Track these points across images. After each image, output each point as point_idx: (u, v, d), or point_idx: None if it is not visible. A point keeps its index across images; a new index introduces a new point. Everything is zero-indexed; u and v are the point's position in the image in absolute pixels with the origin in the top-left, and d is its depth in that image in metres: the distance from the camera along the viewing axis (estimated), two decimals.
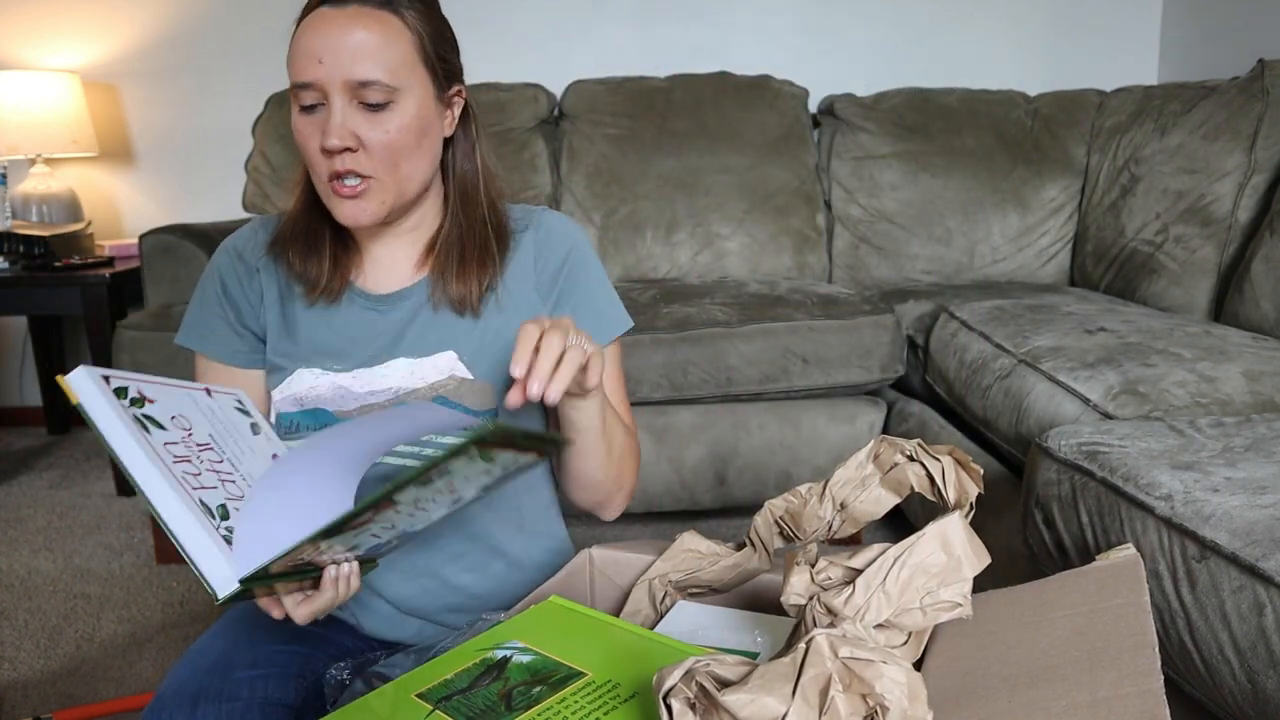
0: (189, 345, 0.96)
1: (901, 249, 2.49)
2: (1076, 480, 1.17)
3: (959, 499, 0.72)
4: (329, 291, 0.92)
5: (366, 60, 0.81)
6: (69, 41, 2.79)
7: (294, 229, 0.93)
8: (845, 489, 0.81)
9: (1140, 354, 1.47)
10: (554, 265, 0.95)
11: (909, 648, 0.64)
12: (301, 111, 0.85)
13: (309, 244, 0.92)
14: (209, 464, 0.70)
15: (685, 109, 2.52)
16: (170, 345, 1.92)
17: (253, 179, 2.51)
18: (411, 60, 0.84)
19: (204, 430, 0.73)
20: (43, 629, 1.75)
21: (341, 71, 0.81)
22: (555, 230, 0.97)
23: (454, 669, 0.66)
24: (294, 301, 0.94)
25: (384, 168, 0.84)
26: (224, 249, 0.97)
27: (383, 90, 0.82)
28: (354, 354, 0.91)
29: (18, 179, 2.72)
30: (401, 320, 0.92)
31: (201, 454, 0.70)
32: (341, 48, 0.81)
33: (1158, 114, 2.26)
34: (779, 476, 2.00)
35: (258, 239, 0.96)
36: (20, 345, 3.01)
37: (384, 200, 0.86)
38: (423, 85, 0.85)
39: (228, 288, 0.95)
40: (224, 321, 0.95)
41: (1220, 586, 0.93)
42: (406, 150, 0.85)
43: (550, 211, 1.00)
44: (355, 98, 0.82)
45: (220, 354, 0.95)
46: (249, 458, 0.76)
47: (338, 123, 0.81)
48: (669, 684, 0.51)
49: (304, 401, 0.91)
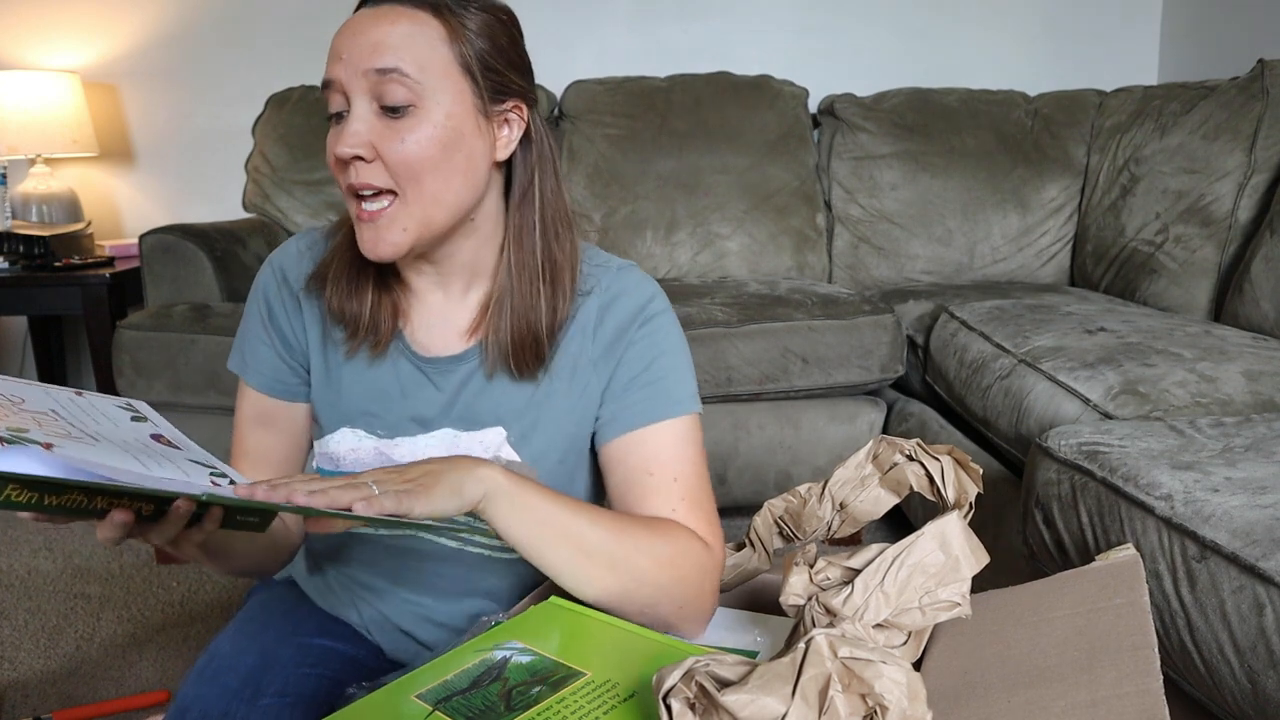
0: (236, 371, 0.89)
1: (901, 249, 2.49)
2: (1076, 480, 1.17)
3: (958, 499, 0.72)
4: (374, 345, 0.83)
5: (388, 50, 0.73)
6: (69, 41, 2.79)
7: (336, 265, 0.83)
8: (845, 489, 0.81)
9: (1140, 354, 1.46)
10: (612, 332, 0.84)
11: (908, 647, 0.64)
12: (330, 121, 0.78)
13: (350, 285, 0.82)
14: (33, 417, 0.62)
15: (685, 109, 2.52)
16: (170, 345, 1.92)
17: (253, 179, 2.51)
18: (444, 61, 0.75)
19: (44, 405, 0.66)
20: (43, 629, 1.75)
21: (359, 62, 0.73)
22: (622, 293, 0.85)
23: (454, 669, 0.66)
24: (335, 350, 0.86)
25: (404, 184, 0.74)
26: (269, 265, 0.88)
27: (404, 87, 0.73)
28: (400, 419, 0.84)
29: (18, 179, 2.72)
30: (452, 389, 0.84)
31: (24, 412, 0.63)
32: (364, 42, 0.74)
33: (1158, 114, 2.26)
34: (779, 476, 2.00)
35: (302, 262, 0.87)
36: (20, 345, 3.01)
37: (407, 228, 0.75)
38: (456, 92, 0.75)
39: (272, 312, 0.87)
40: (269, 348, 0.87)
41: (1220, 586, 0.93)
42: (429, 164, 0.74)
43: (629, 269, 0.87)
44: (375, 97, 0.74)
45: (263, 384, 0.87)
46: (108, 428, 0.68)
47: (352, 129, 0.73)
48: (669, 684, 0.51)
49: (341, 463, 0.85)
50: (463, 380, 0.84)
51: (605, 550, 0.74)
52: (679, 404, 0.83)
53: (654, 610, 0.75)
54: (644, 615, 0.75)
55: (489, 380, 0.83)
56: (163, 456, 0.67)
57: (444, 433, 0.84)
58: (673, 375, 0.83)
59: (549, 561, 0.73)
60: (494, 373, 0.83)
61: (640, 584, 0.74)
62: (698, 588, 0.77)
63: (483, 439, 0.83)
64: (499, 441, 0.84)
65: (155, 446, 0.69)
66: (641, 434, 0.82)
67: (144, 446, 0.67)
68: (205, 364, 1.91)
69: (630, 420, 0.82)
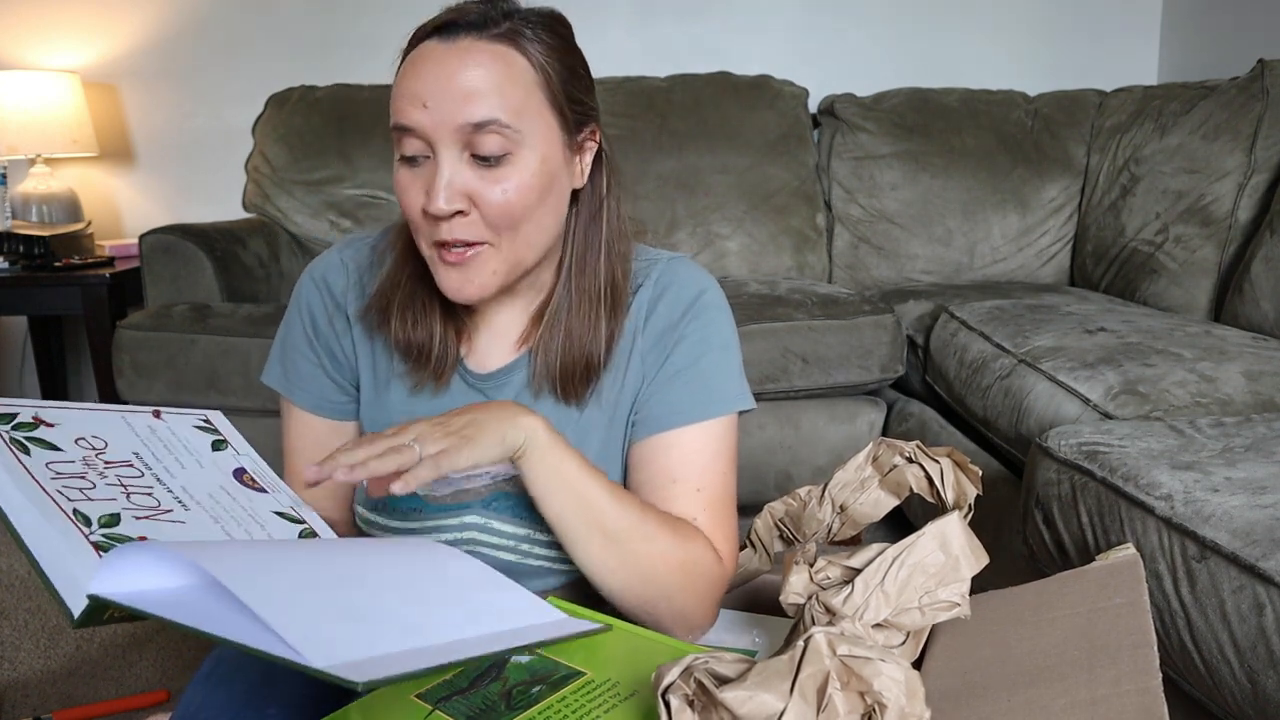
0: (275, 388, 0.85)
1: (901, 249, 2.49)
2: (1076, 480, 1.17)
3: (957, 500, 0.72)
4: (438, 375, 0.80)
5: (483, 99, 0.68)
6: (69, 41, 2.79)
7: (396, 294, 0.80)
8: (844, 491, 0.81)
9: (1140, 354, 1.46)
10: (664, 324, 0.81)
11: (906, 647, 0.65)
12: (403, 162, 0.72)
13: (416, 316, 0.79)
14: (117, 478, 0.63)
15: (685, 109, 2.52)
16: (170, 345, 1.92)
17: (253, 179, 2.51)
18: (536, 101, 0.71)
19: (125, 449, 0.66)
20: (43, 629, 1.75)
21: (451, 116, 0.68)
22: (674, 284, 0.82)
23: (454, 669, 0.66)
24: (392, 378, 0.82)
25: (501, 232, 0.71)
26: (310, 279, 0.84)
27: (501, 137, 0.69)
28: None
29: (18, 179, 2.72)
30: (506, 398, 0.81)
31: (109, 470, 0.63)
32: (451, 89, 0.68)
33: (1158, 114, 2.26)
34: (779, 477, 2.00)
35: (347, 273, 0.84)
36: (20, 345, 3.01)
37: (497, 270, 0.73)
38: (548, 131, 0.72)
39: (318, 328, 0.83)
40: (315, 365, 0.84)
41: (1220, 586, 0.93)
42: (528, 211, 0.71)
43: (680, 261, 0.85)
44: (468, 148, 0.69)
45: (310, 403, 0.84)
46: (194, 473, 0.68)
47: (445, 182, 0.69)
48: (667, 680, 0.51)
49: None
50: (513, 395, 0.82)
51: (621, 535, 0.72)
52: (722, 402, 0.80)
53: (652, 609, 0.74)
54: (641, 611, 0.74)
55: (535, 400, 0.81)
56: (249, 517, 0.66)
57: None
58: (720, 371, 0.81)
59: (563, 528, 0.72)
60: (540, 393, 0.81)
61: (646, 580, 0.73)
62: (700, 599, 0.76)
63: None
64: None
65: (240, 497, 0.68)
66: (674, 436, 0.80)
67: (231, 501, 0.67)
68: (205, 364, 1.91)
69: (669, 418, 0.80)
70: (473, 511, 0.82)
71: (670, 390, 0.81)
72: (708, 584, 0.76)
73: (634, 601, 0.74)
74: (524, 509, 0.82)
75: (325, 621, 0.51)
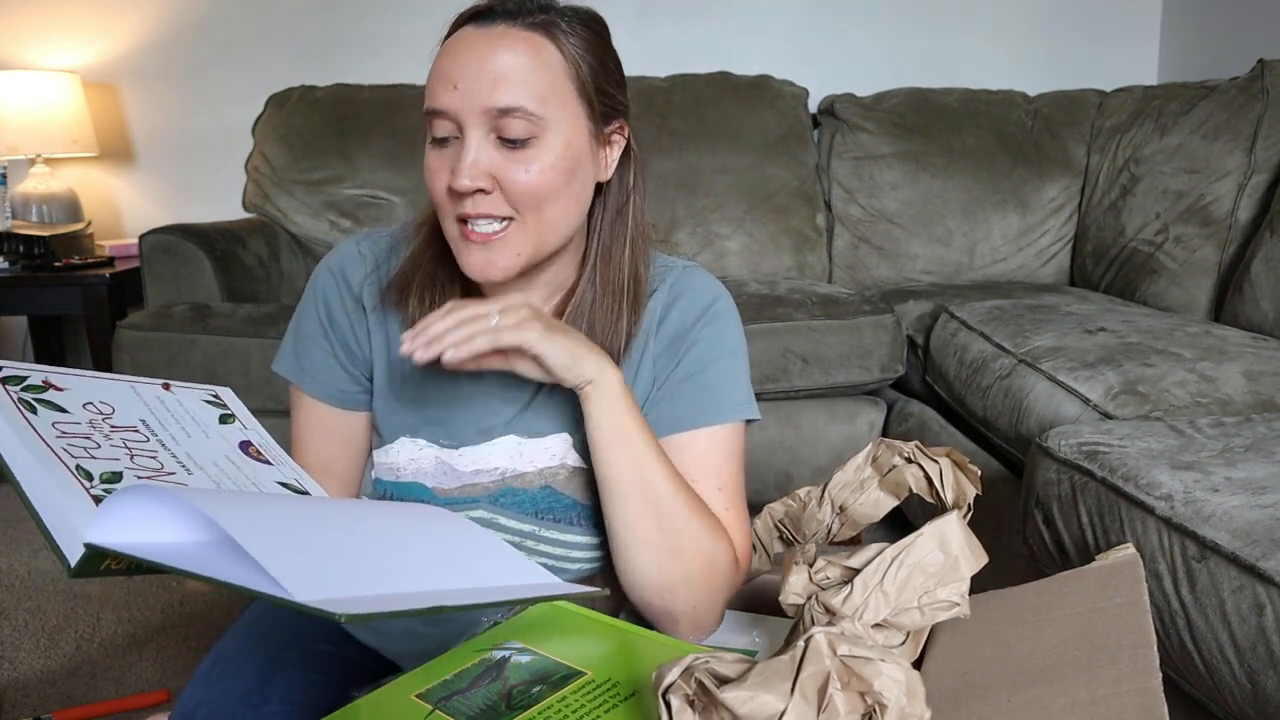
0: (287, 376, 0.85)
1: (901, 249, 2.49)
2: (1076, 480, 1.17)
3: (957, 500, 0.73)
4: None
5: (510, 86, 0.70)
6: (69, 41, 2.79)
7: (417, 274, 0.81)
8: (844, 492, 0.81)
9: (1140, 354, 1.47)
10: (676, 329, 0.83)
11: (906, 647, 0.65)
12: (433, 145, 0.75)
13: (434, 297, 0.80)
14: (122, 441, 0.64)
15: (685, 109, 2.52)
16: (170, 345, 1.92)
17: (253, 179, 2.51)
18: (564, 90, 0.73)
19: (133, 415, 0.67)
20: (43, 629, 1.75)
21: (479, 98, 0.70)
22: (688, 290, 0.84)
23: (454, 669, 0.66)
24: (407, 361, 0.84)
25: (525, 211, 0.73)
26: (326, 269, 0.85)
27: (527, 122, 0.71)
28: (465, 428, 0.83)
29: (18, 179, 2.72)
30: (521, 396, 0.82)
31: (114, 433, 0.64)
32: (482, 71, 0.70)
33: (1158, 114, 2.26)
34: (779, 477, 2.00)
35: (364, 264, 0.85)
36: (20, 345, 3.01)
37: (520, 251, 0.74)
38: (575, 119, 0.74)
39: (333, 317, 0.84)
40: (328, 355, 0.84)
41: (1220, 586, 0.93)
42: (552, 193, 0.73)
43: (694, 270, 0.86)
44: (494, 130, 0.72)
45: (322, 392, 0.85)
46: (199, 442, 0.69)
47: (470, 160, 0.71)
48: (668, 680, 0.51)
49: (401, 473, 0.83)
50: (533, 386, 0.82)
51: (664, 505, 0.74)
52: (730, 409, 0.82)
53: (670, 593, 0.75)
54: (657, 596, 0.75)
55: (554, 388, 0.81)
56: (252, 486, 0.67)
57: (508, 440, 0.82)
58: (729, 379, 0.82)
59: (611, 484, 0.74)
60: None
61: (675, 557, 0.74)
62: (715, 594, 0.77)
63: (547, 445, 0.82)
64: (565, 448, 0.82)
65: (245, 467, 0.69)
66: (687, 438, 0.81)
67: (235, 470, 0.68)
68: (205, 364, 1.91)
69: (678, 421, 0.81)
70: (480, 506, 0.83)
71: (681, 393, 0.82)
72: (724, 581, 0.77)
73: (655, 581, 0.74)
74: (530, 505, 0.83)
75: (313, 561, 0.53)
